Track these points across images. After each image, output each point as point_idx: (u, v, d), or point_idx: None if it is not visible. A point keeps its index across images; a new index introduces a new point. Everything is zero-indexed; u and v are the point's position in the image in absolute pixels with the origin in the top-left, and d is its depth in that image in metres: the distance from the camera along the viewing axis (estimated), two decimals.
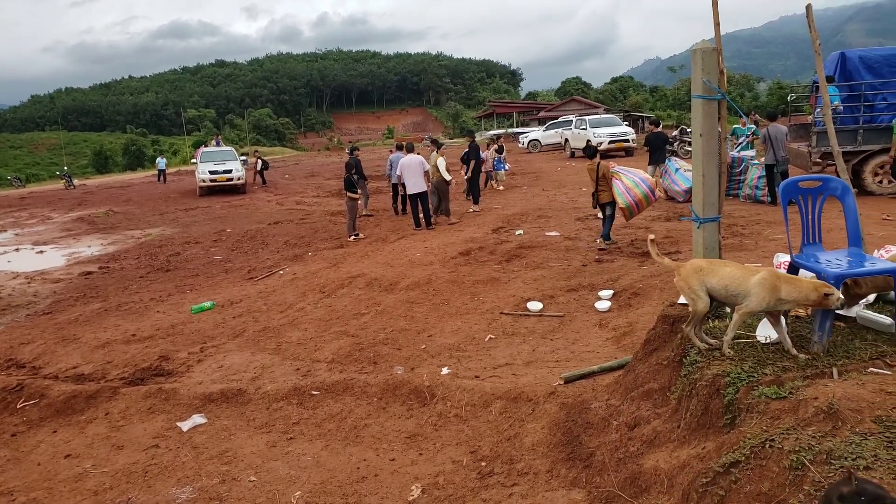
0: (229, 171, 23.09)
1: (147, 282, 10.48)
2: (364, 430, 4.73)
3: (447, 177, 12.83)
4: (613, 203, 9.23)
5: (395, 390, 5.13)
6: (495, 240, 10.55)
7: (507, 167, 19.66)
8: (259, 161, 26.54)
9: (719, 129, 4.01)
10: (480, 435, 4.43)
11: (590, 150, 10.11)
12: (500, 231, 11.45)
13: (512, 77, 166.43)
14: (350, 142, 69.65)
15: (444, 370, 5.50)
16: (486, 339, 6.26)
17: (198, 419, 5.06)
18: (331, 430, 4.79)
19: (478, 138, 19.52)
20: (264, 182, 25.85)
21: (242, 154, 28.28)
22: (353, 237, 12.27)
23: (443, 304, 7.48)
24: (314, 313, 7.64)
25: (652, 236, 3.98)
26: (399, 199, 15.07)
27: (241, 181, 23.19)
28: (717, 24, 3.96)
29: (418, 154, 13.25)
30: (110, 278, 10.95)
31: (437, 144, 13.88)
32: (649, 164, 14.21)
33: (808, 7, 4.78)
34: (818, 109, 13.49)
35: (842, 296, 3.15)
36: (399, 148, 14.97)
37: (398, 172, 13.03)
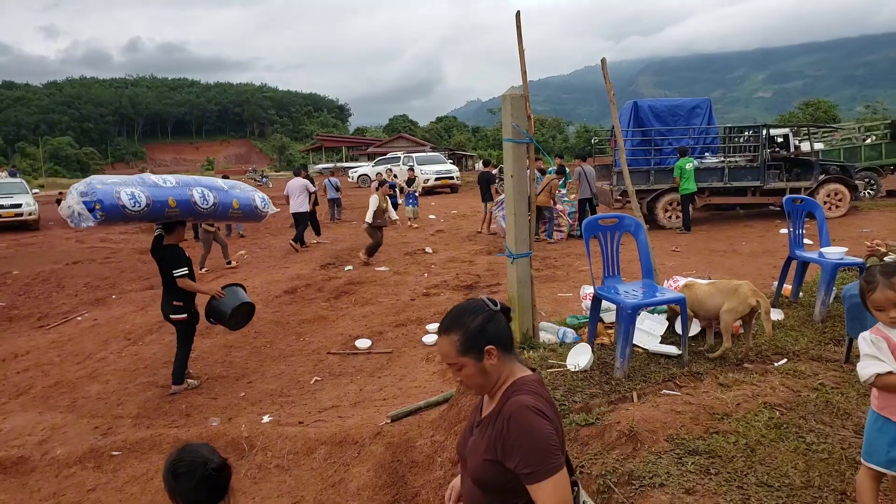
0: (18, 206, 20.41)
1: None
2: None
3: (394, 216, 12.59)
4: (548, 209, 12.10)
5: (210, 444, 4.71)
6: (323, 276, 10.31)
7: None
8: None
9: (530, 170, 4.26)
10: (304, 484, 4.21)
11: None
12: (328, 267, 11.22)
13: (340, 112, 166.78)
14: (152, 172, 65.32)
15: (266, 418, 5.18)
16: (312, 382, 6.02)
17: None
18: (134, 493, 4.27)
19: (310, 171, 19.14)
20: None
21: (37, 187, 25.19)
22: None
23: (265, 346, 7.10)
24: (118, 363, 6.87)
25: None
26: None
27: (32, 217, 20.57)
28: (524, 74, 4.23)
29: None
30: None
31: (382, 185, 13.01)
32: (482, 201, 14.86)
33: (603, 60, 5.32)
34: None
35: None
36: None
37: (285, 193, 13.74)
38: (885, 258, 3.74)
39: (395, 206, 18.08)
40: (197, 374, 6.31)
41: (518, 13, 4.12)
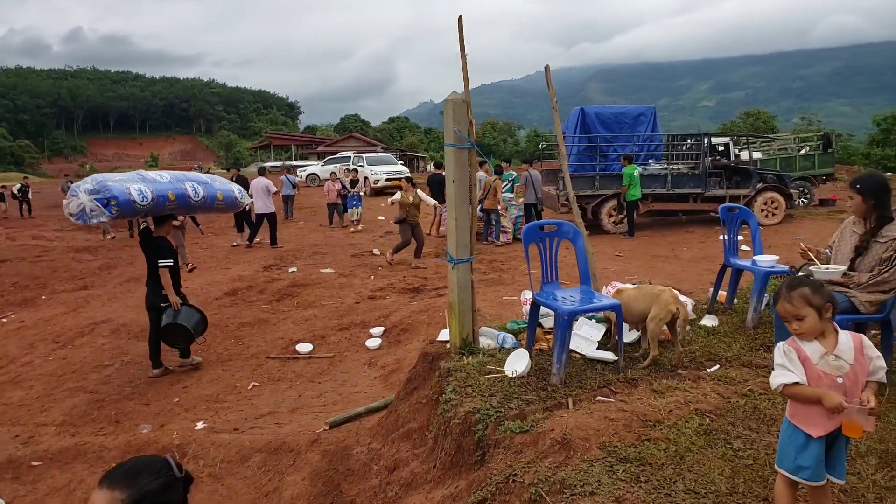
0: None
1: None
2: None
3: (430, 201, 12.28)
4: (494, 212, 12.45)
5: (139, 452, 4.53)
6: (266, 278, 10.09)
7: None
8: (21, 188, 23.76)
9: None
10: (236, 493, 4.09)
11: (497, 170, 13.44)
12: (271, 269, 11.00)
13: (290, 109, 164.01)
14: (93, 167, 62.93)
15: (200, 425, 5.02)
16: (249, 387, 5.87)
17: None
18: None
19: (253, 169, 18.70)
20: (29, 213, 23.11)
21: None
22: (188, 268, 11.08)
23: (201, 350, 6.87)
24: (44, 368, 6.55)
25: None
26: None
27: None
28: (466, 79, 4.21)
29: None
30: None
31: (410, 181, 12.09)
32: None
33: (546, 68, 5.34)
34: None
35: None
36: None
37: (249, 192, 13.20)
38: (810, 267, 3.87)
39: (345, 207, 17.69)
40: (131, 376, 6.07)
41: (460, 18, 4.09)
